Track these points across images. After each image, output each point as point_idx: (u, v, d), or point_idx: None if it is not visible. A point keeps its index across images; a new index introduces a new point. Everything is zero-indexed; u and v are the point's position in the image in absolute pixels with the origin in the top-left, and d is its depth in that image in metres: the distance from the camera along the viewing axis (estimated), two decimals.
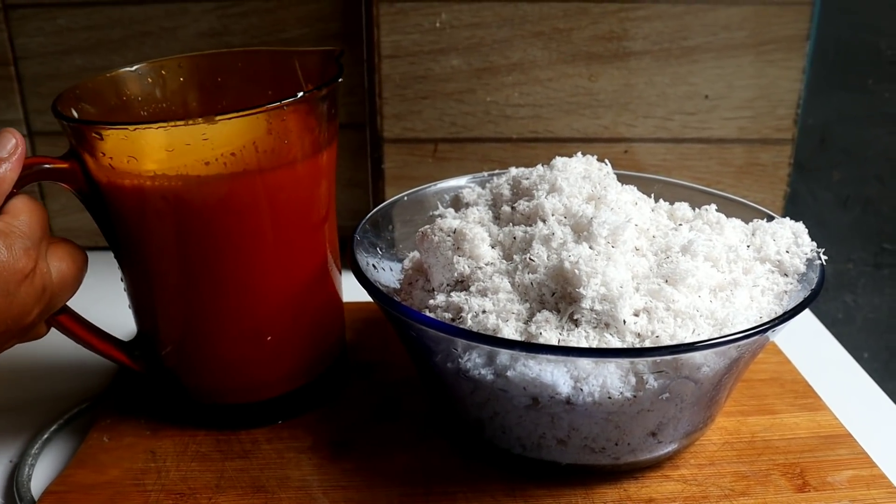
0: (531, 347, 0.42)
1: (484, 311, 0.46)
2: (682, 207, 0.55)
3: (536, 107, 0.75)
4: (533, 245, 0.47)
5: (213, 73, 0.56)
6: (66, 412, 0.57)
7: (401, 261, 0.58)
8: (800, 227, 0.53)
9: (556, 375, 0.42)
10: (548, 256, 0.46)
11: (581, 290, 0.44)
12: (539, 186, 0.52)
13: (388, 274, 0.56)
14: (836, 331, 0.72)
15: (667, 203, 0.56)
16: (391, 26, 0.72)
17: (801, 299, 0.46)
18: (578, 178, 0.51)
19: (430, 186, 0.61)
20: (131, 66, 0.55)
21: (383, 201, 0.76)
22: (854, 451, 0.52)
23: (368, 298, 0.49)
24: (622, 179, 0.57)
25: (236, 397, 0.54)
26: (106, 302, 0.58)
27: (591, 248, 0.46)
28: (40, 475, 0.52)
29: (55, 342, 0.65)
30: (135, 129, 0.44)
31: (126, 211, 0.48)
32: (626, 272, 0.45)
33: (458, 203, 0.58)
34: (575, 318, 0.44)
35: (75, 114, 0.50)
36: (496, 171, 0.60)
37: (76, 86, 0.51)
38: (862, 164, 0.92)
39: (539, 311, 0.45)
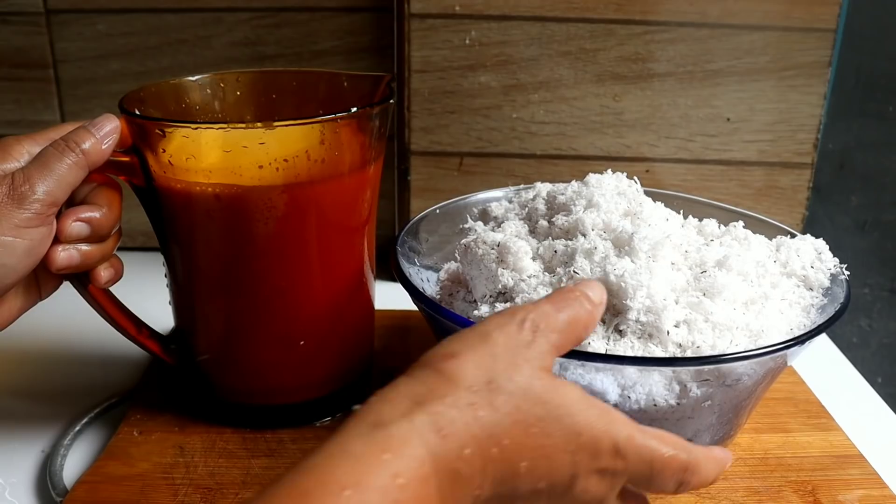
0: (582, 356, 0.43)
1: None
2: (710, 224, 0.56)
3: (561, 125, 0.77)
4: (576, 258, 0.49)
5: (269, 89, 0.59)
6: (97, 406, 0.59)
7: (429, 269, 0.59)
8: (821, 243, 0.55)
9: (606, 383, 0.44)
10: (591, 269, 0.48)
11: (628, 301, 0.45)
12: (576, 202, 0.53)
13: (426, 285, 0.57)
14: (850, 355, 0.73)
15: (695, 219, 0.57)
16: (422, 42, 0.74)
17: (830, 314, 0.48)
18: (614, 195, 0.53)
19: (464, 199, 0.62)
20: (193, 76, 0.57)
21: (409, 212, 0.78)
22: (865, 471, 0.53)
23: (394, 306, 0.50)
24: (648, 196, 0.58)
25: (265, 399, 0.56)
26: (144, 300, 0.59)
27: (632, 262, 0.47)
28: (71, 466, 0.53)
29: (87, 335, 0.67)
30: (196, 129, 0.47)
31: (178, 207, 0.50)
32: (666, 285, 0.47)
33: (486, 216, 0.59)
34: (620, 328, 0.46)
35: (138, 113, 0.52)
36: (522, 186, 0.62)
37: (141, 88, 0.54)
38: (880, 189, 0.93)
39: None
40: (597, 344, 0.45)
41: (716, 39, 0.74)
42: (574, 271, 0.48)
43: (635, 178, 0.58)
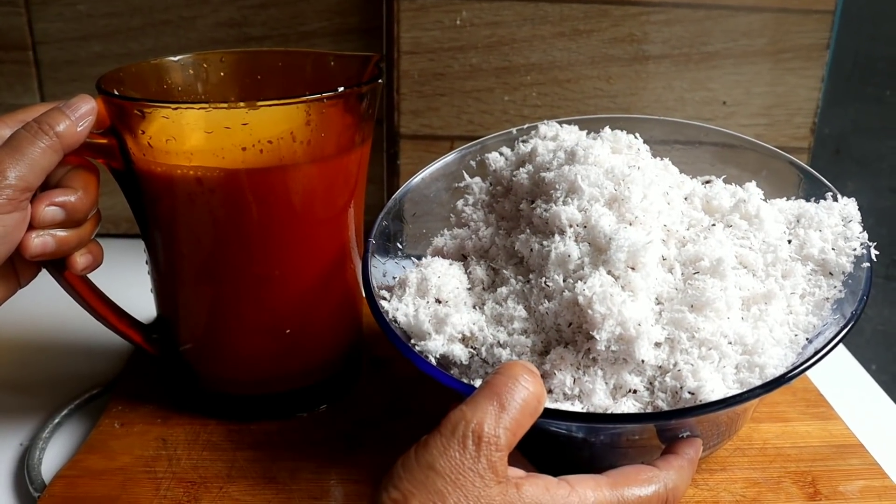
0: (549, 414, 0.40)
1: (499, 344, 0.45)
2: (719, 196, 0.50)
3: (554, 107, 0.75)
4: (548, 267, 0.45)
5: (254, 70, 0.57)
6: (77, 397, 0.57)
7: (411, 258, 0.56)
8: (851, 209, 0.49)
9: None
10: (564, 279, 0.44)
11: (595, 333, 0.42)
12: (558, 185, 0.48)
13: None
14: (845, 341, 0.72)
15: (702, 186, 0.52)
16: (411, 22, 0.72)
17: (844, 317, 0.44)
18: (600, 175, 0.47)
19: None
20: (175, 56, 0.55)
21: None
22: (866, 461, 0.52)
23: None
24: (654, 131, 0.55)
25: (250, 389, 0.54)
26: (127, 288, 0.58)
27: (609, 272, 0.43)
28: (50, 459, 0.52)
29: (67, 324, 0.66)
30: (176, 109, 0.45)
31: (159, 191, 0.49)
32: (646, 302, 0.43)
33: (484, 168, 0.55)
34: (592, 355, 0.43)
35: (117, 93, 0.50)
36: (527, 126, 0.57)
37: (120, 69, 0.52)
38: (876, 175, 0.92)
39: (554, 347, 0.44)
40: (563, 374, 0.43)
41: (712, 21, 0.73)
42: (545, 283, 0.45)
43: (636, 134, 0.53)
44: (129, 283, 0.57)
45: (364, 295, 0.49)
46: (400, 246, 0.55)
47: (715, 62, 0.74)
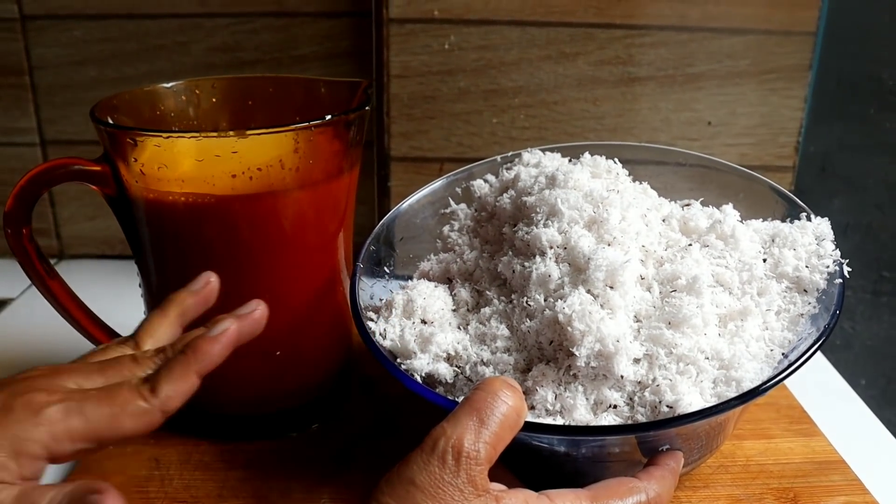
0: (530, 427, 0.41)
1: (482, 362, 0.46)
2: (696, 217, 0.52)
3: (542, 129, 0.76)
4: (529, 287, 0.46)
5: (245, 95, 0.59)
6: None
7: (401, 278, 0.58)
8: (824, 228, 0.50)
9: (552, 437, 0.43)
10: (545, 299, 0.46)
11: (574, 350, 0.43)
12: (539, 208, 0.49)
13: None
14: (833, 357, 0.73)
15: (680, 209, 0.53)
16: (401, 47, 0.74)
17: (819, 329, 0.45)
18: (579, 199, 0.48)
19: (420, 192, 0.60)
20: (168, 83, 0.57)
21: None
22: (847, 477, 0.52)
23: None
24: (635, 157, 0.56)
25: (242, 410, 0.55)
26: (121, 309, 0.59)
27: (588, 291, 0.45)
28: (44, 480, 0.52)
29: (59, 344, 0.66)
30: (168, 137, 0.47)
31: (152, 217, 0.50)
32: (625, 319, 0.44)
33: (469, 195, 0.57)
34: (572, 371, 0.44)
35: (111, 122, 0.51)
36: (511, 154, 0.59)
37: (114, 96, 0.53)
38: (862, 192, 0.93)
39: (536, 364, 0.45)
40: (545, 391, 0.44)
41: (696, 43, 0.74)
42: (527, 303, 0.46)
43: (615, 159, 0.54)
44: (124, 304, 0.58)
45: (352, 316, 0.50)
46: (388, 270, 0.56)
47: (700, 83, 0.76)
